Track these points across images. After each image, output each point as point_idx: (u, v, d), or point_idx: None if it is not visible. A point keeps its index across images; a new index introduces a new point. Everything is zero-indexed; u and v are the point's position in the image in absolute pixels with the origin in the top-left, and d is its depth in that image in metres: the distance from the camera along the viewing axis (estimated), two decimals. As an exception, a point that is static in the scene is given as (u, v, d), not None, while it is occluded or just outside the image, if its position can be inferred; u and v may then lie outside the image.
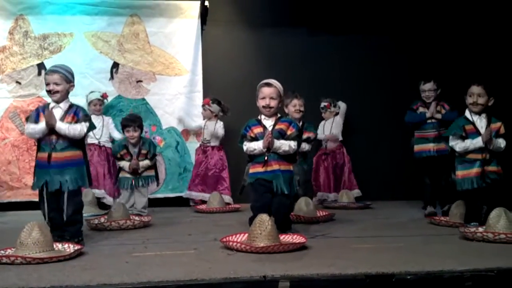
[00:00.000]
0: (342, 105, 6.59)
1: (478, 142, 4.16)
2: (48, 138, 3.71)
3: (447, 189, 5.04)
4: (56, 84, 3.75)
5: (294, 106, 5.42)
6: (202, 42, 6.88)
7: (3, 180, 6.32)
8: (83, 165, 3.79)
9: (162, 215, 5.44)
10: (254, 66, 6.74)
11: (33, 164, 6.11)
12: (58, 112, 3.77)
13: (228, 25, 7.01)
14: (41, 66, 6.51)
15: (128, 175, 5.43)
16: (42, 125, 3.69)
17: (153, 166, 5.61)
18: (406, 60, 7.01)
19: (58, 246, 3.37)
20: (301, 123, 5.38)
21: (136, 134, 5.43)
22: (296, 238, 3.59)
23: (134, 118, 5.55)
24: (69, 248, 3.36)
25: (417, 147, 5.53)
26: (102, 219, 4.72)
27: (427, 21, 6.98)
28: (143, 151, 5.47)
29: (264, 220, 3.42)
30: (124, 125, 5.52)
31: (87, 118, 3.81)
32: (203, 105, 6.45)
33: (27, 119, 3.89)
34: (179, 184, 6.66)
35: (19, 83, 6.48)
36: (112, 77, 6.70)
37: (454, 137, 4.28)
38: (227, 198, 6.18)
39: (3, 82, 6.46)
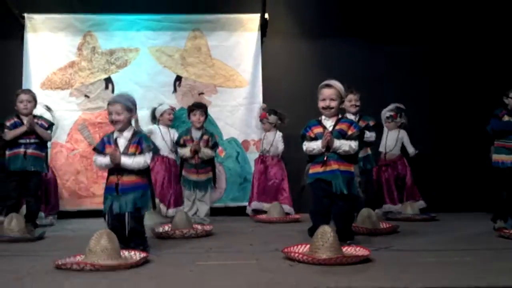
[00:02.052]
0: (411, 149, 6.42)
1: None
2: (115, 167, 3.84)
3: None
4: (118, 114, 3.85)
5: (350, 101, 5.39)
6: (262, 54, 6.96)
7: (72, 189, 6.61)
8: (147, 189, 3.89)
9: (223, 224, 5.50)
10: (311, 76, 6.69)
11: (100, 174, 6.52)
12: (121, 142, 3.87)
13: (287, 36, 7.08)
14: (108, 80, 6.80)
15: (191, 176, 5.52)
16: (107, 160, 3.80)
17: (212, 167, 5.67)
18: (471, 68, 6.81)
19: (125, 253, 3.47)
20: (357, 118, 5.34)
21: (202, 118, 5.68)
22: (359, 251, 3.53)
23: (201, 104, 5.80)
24: (136, 256, 3.45)
25: (497, 157, 5.21)
26: (166, 227, 4.83)
27: (485, 28, 6.78)
28: (205, 137, 5.64)
29: (326, 232, 3.39)
30: (191, 110, 5.72)
31: (150, 148, 3.87)
32: (261, 119, 6.48)
33: (94, 149, 4.02)
34: (240, 194, 6.73)
35: (88, 96, 6.78)
36: (175, 90, 6.89)
37: None
38: (287, 208, 6.17)
39: (72, 95, 6.77)
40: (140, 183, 3.84)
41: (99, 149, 3.91)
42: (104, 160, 3.84)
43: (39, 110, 5.96)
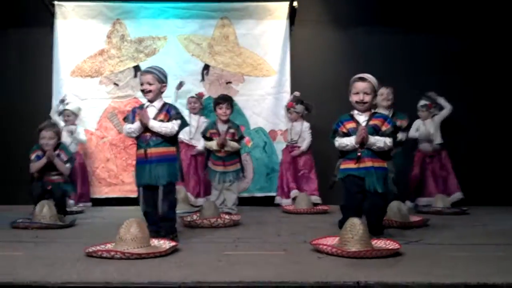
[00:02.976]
0: (447, 106, 6.31)
1: None
2: (143, 136, 3.90)
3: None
4: (149, 83, 3.91)
5: (382, 95, 5.29)
6: (290, 42, 6.89)
7: (101, 177, 6.69)
8: (176, 161, 3.92)
9: (250, 214, 5.49)
10: (342, 66, 6.65)
11: (129, 162, 6.59)
12: (152, 110, 3.94)
13: (316, 25, 6.99)
14: (137, 68, 6.83)
15: (217, 168, 5.54)
16: (137, 124, 3.88)
17: (239, 159, 5.68)
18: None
19: (155, 242, 3.49)
20: (391, 113, 5.24)
21: (228, 111, 5.62)
22: (389, 244, 3.47)
23: (226, 97, 5.75)
24: (165, 244, 3.47)
25: None
26: (195, 216, 4.85)
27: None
28: (231, 130, 5.61)
29: (356, 224, 3.35)
30: (217, 103, 5.69)
31: (178, 116, 3.93)
32: (288, 109, 6.41)
33: (124, 120, 4.10)
34: (267, 184, 6.71)
35: (117, 84, 6.83)
36: (203, 79, 6.88)
37: None
38: (316, 199, 6.13)
39: (102, 83, 6.83)
40: (168, 154, 3.88)
41: (129, 119, 3.98)
42: (134, 125, 3.90)
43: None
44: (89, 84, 6.80)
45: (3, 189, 6.43)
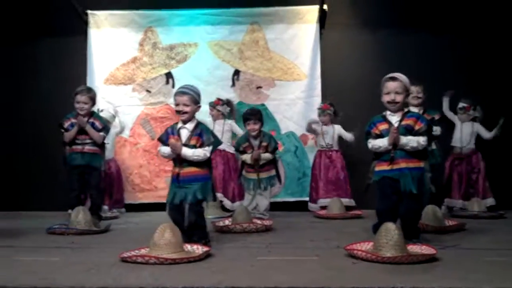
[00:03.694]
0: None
1: None
2: (177, 157, 3.92)
3: None
4: (185, 105, 3.92)
5: (411, 93, 5.18)
6: (321, 46, 6.85)
7: (135, 183, 6.78)
8: (208, 181, 3.94)
9: (282, 219, 5.47)
10: (373, 68, 6.56)
11: (162, 167, 6.67)
12: (184, 133, 3.95)
13: (346, 28, 6.95)
14: (168, 75, 6.92)
15: (251, 176, 5.55)
16: (169, 150, 3.90)
17: (274, 165, 5.67)
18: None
19: (188, 247, 3.51)
20: (422, 111, 5.16)
21: (256, 126, 5.58)
22: (425, 249, 3.41)
23: (254, 112, 5.72)
24: (198, 249, 3.49)
25: None
26: (227, 222, 4.87)
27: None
28: (264, 143, 5.58)
29: (391, 229, 3.30)
30: (245, 119, 5.69)
31: (210, 141, 3.92)
32: (323, 110, 6.38)
33: (159, 139, 4.12)
34: (298, 189, 6.68)
35: (149, 91, 6.92)
36: (233, 84, 6.91)
37: None
38: (350, 201, 6.07)
39: (135, 91, 6.93)
40: (200, 175, 3.90)
41: (163, 140, 4.00)
42: (167, 149, 3.93)
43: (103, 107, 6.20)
44: (122, 91, 6.91)
45: (39, 195, 6.58)
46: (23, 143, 6.81)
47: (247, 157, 5.56)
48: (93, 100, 5.19)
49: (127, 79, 6.93)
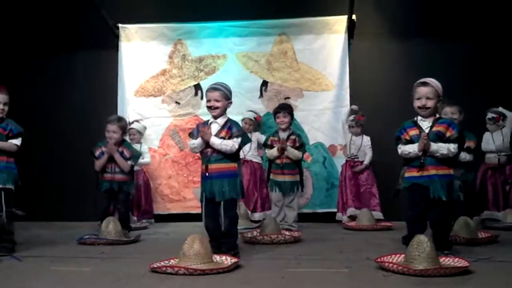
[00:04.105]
0: (509, 115, 6.06)
1: None
2: (205, 152, 3.96)
3: None
4: (217, 100, 3.97)
5: (445, 115, 5.10)
6: (349, 56, 6.82)
7: (164, 193, 6.84)
8: (236, 177, 3.94)
9: (311, 230, 5.44)
10: (402, 78, 6.46)
11: (191, 178, 6.71)
12: (214, 127, 3.99)
13: (376, 37, 6.89)
14: (197, 87, 6.97)
15: (276, 178, 5.52)
16: (199, 140, 3.94)
17: (299, 171, 5.63)
18: None
19: (217, 258, 3.51)
20: None
21: (286, 119, 5.60)
22: (458, 261, 3.33)
23: (284, 105, 5.76)
24: (227, 260, 3.49)
25: None
26: (255, 233, 4.85)
27: None
28: (292, 137, 5.58)
29: (423, 241, 3.24)
30: (275, 112, 5.72)
31: (239, 133, 3.95)
32: (357, 121, 6.29)
33: (189, 135, 4.16)
34: (327, 200, 6.62)
35: (178, 103, 6.99)
36: (261, 95, 6.93)
37: None
38: (378, 215, 6.00)
39: (164, 102, 7.01)
40: (228, 170, 3.91)
41: (194, 134, 4.05)
42: (196, 141, 3.96)
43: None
44: (152, 103, 6.99)
45: (70, 206, 6.69)
46: (56, 154, 6.94)
47: (273, 152, 5.53)
48: (123, 129, 5.30)
49: (157, 91, 7.02)
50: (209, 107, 4.02)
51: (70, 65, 7.14)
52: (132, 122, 6.45)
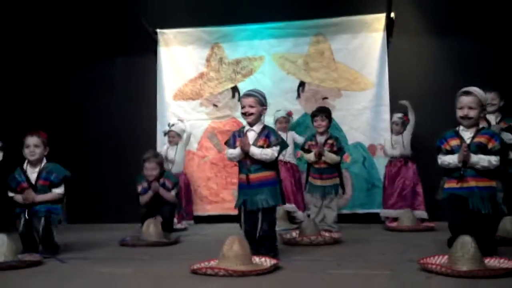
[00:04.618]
0: None
1: None
2: (244, 162, 3.95)
3: None
4: (251, 106, 3.95)
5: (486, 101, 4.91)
6: (388, 54, 6.71)
7: (203, 195, 6.90)
8: (277, 185, 3.93)
9: (351, 231, 5.35)
10: (443, 76, 6.40)
11: (229, 180, 6.75)
12: (251, 135, 3.97)
13: (415, 35, 6.76)
14: (235, 89, 7.01)
15: (315, 182, 5.52)
16: (238, 150, 3.93)
17: (339, 173, 5.59)
18: None
19: (256, 259, 3.50)
20: (499, 118, 4.95)
21: (323, 123, 5.57)
22: (503, 262, 3.23)
23: (322, 109, 5.74)
24: (266, 262, 3.47)
25: None
26: (294, 234, 4.83)
27: None
28: (329, 141, 5.55)
29: (467, 242, 3.14)
30: (313, 115, 5.71)
31: (278, 141, 3.93)
32: (403, 120, 6.14)
33: (225, 143, 4.17)
34: (367, 200, 6.53)
35: (216, 105, 7.05)
36: (298, 96, 6.90)
37: None
38: (423, 214, 5.87)
39: (202, 105, 7.08)
40: (268, 179, 3.89)
41: (230, 143, 4.05)
42: (235, 151, 3.95)
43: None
44: (190, 106, 7.07)
45: (112, 208, 6.83)
46: (98, 157, 7.10)
47: (310, 156, 5.52)
48: (161, 165, 5.51)
49: (195, 94, 7.09)
50: (243, 114, 4.01)
51: (109, 71, 7.30)
52: (172, 125, 6.54)
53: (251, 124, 4.01)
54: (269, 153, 3.87)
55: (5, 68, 6.96)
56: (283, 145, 4.01)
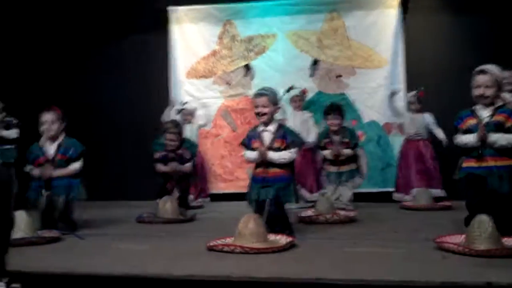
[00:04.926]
0: None
1: None
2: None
3: None
4: (264, 106, 3.91)
5: (506, 79, 4.83)
6: (403, 31, 6.60)
7: (217, 173, 6.92)
8: (291, 182, 3.92)
9: (366, 210, 5.33)
10: (461, 53, 6.29)
11: (243, 158, 6.69)
12: (267, 136, 3.94)
13: (431, 11, 6.63)
14: (247, 67, 6.96)
15: (332, 169, 5.51)
16: (256, 154, 3.91)
17: (355, 160, 5.58)
18: None
19: (272, 237, 3.52)
20: None
21: (336, 121, 5.54)
22: (522, 242, 3.22)
23: (334, 107, 5.67)
24: (282, 239, 3.49)
25: None
26: (309, 212, 4.84)
27: None
28: (345, 140, 5.53)
29: (484, 221, 3.13)
30: (325, 113, 5.67)
31: (295, 143, 3.92)
32: (418, 97, 6.06)
33: (241, 144, 4.16)
34: (382, 179, 6.51)
35: (229, 84, 7.01)
36: (312, 74, 6.84)
37: None
38: (440, 192, 5.81)
39: (215, 83, 7.05)
40: (283, 175, 3.89)
41: (246, 144, 4.03)
42: (252, 155, 3.94)
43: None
44: (203, 84, 7.05)
45: (129, 186, 6.86)
46: (112, 135, 7.12)
47: (327, 154, 5.54)
48: (180, 135, 5.38)
49: (208, 72, 7.06)
50: (257, 114, 3.96)
51: (122, 50, 7.26)
52: (185, 103, 6.53)
53: (265, 124, 3.97)
54: (287, 156, 3.87)
55: (19, 47, 6.97)
56: (300, 144, 4.02)
